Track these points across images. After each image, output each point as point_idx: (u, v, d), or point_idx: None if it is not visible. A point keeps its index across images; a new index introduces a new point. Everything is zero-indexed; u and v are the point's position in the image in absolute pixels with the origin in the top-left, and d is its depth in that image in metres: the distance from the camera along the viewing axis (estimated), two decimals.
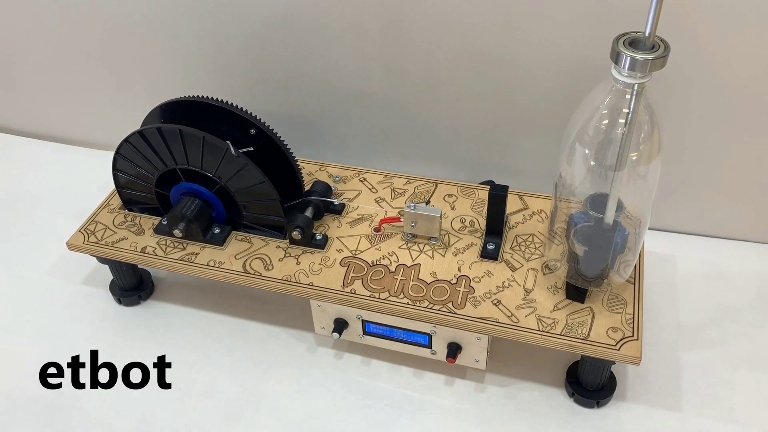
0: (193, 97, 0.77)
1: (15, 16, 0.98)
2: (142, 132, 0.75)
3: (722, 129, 0.81)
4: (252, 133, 0.77)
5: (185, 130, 0.72)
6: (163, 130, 0.74)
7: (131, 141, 0.76)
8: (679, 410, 0.72)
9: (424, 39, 0.82)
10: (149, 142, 0.75)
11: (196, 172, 0.76)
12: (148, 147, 0.76)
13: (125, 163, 0.79)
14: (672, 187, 0.86)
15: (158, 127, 0.74)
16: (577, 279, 0.68)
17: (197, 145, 0.73)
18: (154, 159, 0.76)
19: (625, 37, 0.54)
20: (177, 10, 0.89)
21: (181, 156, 0.75)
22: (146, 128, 0.74)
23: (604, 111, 0.57)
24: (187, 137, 0.73)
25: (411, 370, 0.77)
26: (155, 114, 0.78)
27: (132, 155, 0.77)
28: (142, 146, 0.76)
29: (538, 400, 0.73)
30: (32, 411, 0.74)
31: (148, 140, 0.75)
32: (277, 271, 0.74)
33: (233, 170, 0.74)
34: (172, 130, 0.73)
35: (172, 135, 0.73)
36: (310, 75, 0.90)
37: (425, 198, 0.82)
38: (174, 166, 0.76)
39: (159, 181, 0.78)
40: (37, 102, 1.10)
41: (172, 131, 0.73)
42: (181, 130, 0.73)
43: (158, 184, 0.79)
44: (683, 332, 0.79)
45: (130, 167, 0.79)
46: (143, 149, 0.76)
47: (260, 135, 0.77)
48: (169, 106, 0.78)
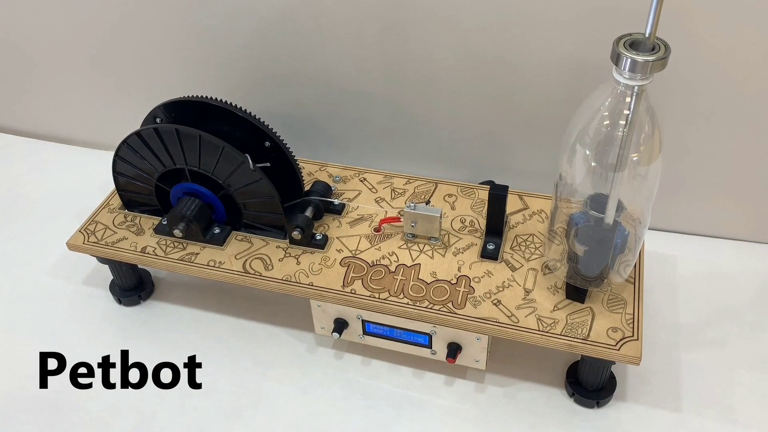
0: (194, 97, 0.77)
1: (15, 16, 0.98)
2: (139, 133, 0.75)
3: (722, 129, 0.81)
4: (267, 145, 0.77)
5: (182, 129, 0.72)
6: (160, 129, 0.74)
7: (129, 142, 0.76)
8: (679, 410, 0.72)
9: (424, 39, 0.82)
10: (147, 143, 0.75)
11: (195, 172, 0.76)
12: (146, 148, 0.76)
13: (124, 165, 0.79)
14: (672, 187, 0.86)
15: (155, 128, 0.74)
16: (576, 279, 0.68)
17: (195, 145, 0.73)
18: (152, 160, 0.76)
19: (626, 39, 0.54)
20: (177, 10, 0.89)
21: (179, 156, 0.75)
22: (143, 129, 0.74)
23: (605, 113, 0.57)
24: (184, 137, 0.73)
25: (411, 370, 0.77)
26: (154, 114, 0.78)
27: (131, 156, 0.77)
28: (140, 147, 0.76)
29: (538, 400, 0.73)
30: (32, 411, 0.74)
31: (145, 141, 0.75)
32: (277, 271, 0.74)
33: (232, 169, 0.74)
34: (169, 129, 0.73)
35: (169, 135, 0.73)
36: (310, 75, 0.90)
37: (425, 198, 0.82)
38: (173, 166, 0.76)
39: (159, 181, 0.78)
40: (37, 102, 1.10)
41: (169, 131, 0.73)
42: (178, 129, 0.72)
43: (158, 184, 0.79)
44: (683, 332, 0.79)
45: (129, 169, 0.79)
46: (141, 150, 0.76)
47: (260, 135, 0.77)
48: (168, 106, 0.77)
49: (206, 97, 0.77)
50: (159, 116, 0.77)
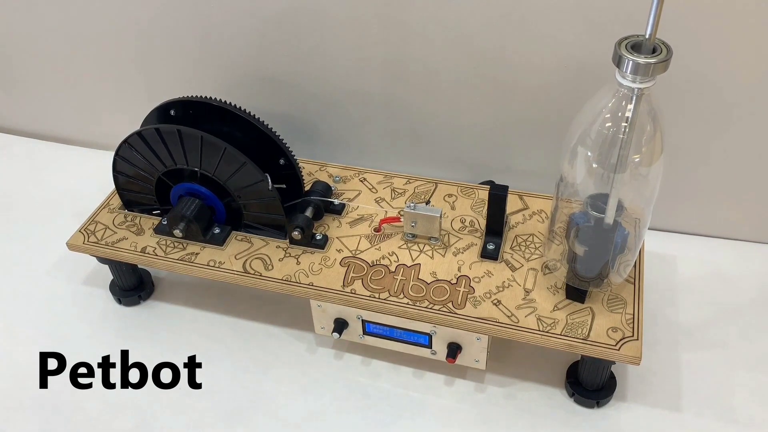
0: (194, 97, 0.77)
1: (15, 15, 0.98)
2: (140, 133, 0.75)
3: (722, 129, 0.81)
4: (281, 163, 0.78)
5: (184, 130, 0.72)
6: (162, 130, 0.74)
7: (130, 142, 0.76)
8: (679, 410, 0.72)
9: (424, 39, 0.82)
10: (148, 143, 0.75)
11: (196, 172, 0.76)
12: (147, 148, 0.76)
13: (125, 164, 0.79)
14: (672, 187, 0.86)
15: (157, 128, 0.74)
16: (576, 279, 0.68)
17: (196, 145, 0.73)
18: (153, 160, 0.76)
19: (628, 41, 0.54)
20: (177, 10, 0.89)
21: (180, 156, 0.75)
22: (145, 129, 0.74)
23: (607, 114, 0.57)
24: (185, 137, 0.73)
25: (411, 370, 0.77)
26: (155, 114, 0.78)
27: (131, 156, 0.77)
28: (141, 147, 0.76)
29: (538, 400, 0.73)
30: (32, 411, 0.74)
31: (147, 141, 0.75)
32: (277, 271, 0.74)
33: (232, 169, 0.74)
34: (171, 130, 0.73)
35: (170, 135, 0.73)
36: (309, 75, 0.90)
37: (425, 198, 0.82)
38: (173, 166, 0.76)
39: (159, 181, 0.78)
40: (37, 102, 1.10)
41: (171, 131, 0.73)
42: (180, 130, 0.72)
43: (158, 184, 0.79)
44: (683, 332, 0.79)
45: (130, 168, 0.79)
46: (142, 150, 0.76)
47: (261, 135, 0.77)
48: (169, 106, 0.78)
49: (206, 97, 0.77)
50: (174, 109, 0.77)
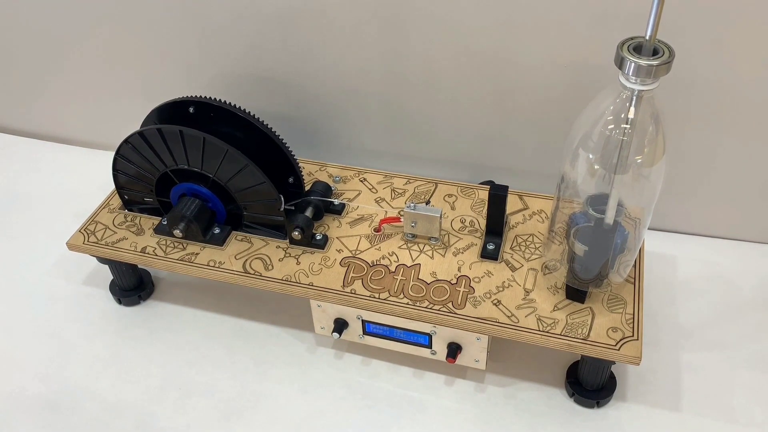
0: (194, 98, 0.77)
1: (15, 15, 0.98)
2: (142, 132, 0.75)
3: (723, 130, 0.81)
4: (290, 181, 0.79)
5: (186, 131, 0.72)
6: (164, 130, 0.74)
7: (131, 141, 0.76)
8: (679, 410, 0.72)
9: (424, 39, 0.82)
10: (149, 143, 0.75)
11: (196, 172, 0.76)
12: (148, 148, 0.75)
13: (125, 164, 0.79)
14: (672, 188, 0.86)
15: (158, 128, 0.73)
16: (576, 279, 0.68)
17: (198, 146, 0.73)
18: (154, 160, 0.76)
19: (630, 43, 0.53)
20: (177, 10, 0.89)
21: (182, 157, 0.75)
22: (146, 129, 0.74)
23: (610, 116, 0.57)
24: (187, 138, 0.73)
25: (411, 370, 0.77)
26: (155, 114, 0.78)
27: (132, 156, 0.77)
28: (142, 147, 0.76)
29: (538, 400, 0.73)
30: (32, 411, 0.74)
31: (148, 141, 0.75)
32: (277, 271, 0.74)
33: (234, 170, 0.74)
34: (173, 130, 0.73)
35: (172, 136, 0.73)
36: (309, 75, 0.90)
37: (425, 198, 0.82)
38: (174, 166, 0.76)
39: (159, 181, 0.78)
40: (37, 102, 1.10)
41: (173, 132, 0.73)
42: (182, 131, 0.72)
43: (158, 184, 0.79)
44: (683, 332, 0.79)
45: (130, 168, 0.79)
46: (143, 150, 0.76)
47: (261, 135, 0.77)
48: (169, 106, 0.78)
49: (206, 98, 0.77)
50: (191, 107, 0.77)
